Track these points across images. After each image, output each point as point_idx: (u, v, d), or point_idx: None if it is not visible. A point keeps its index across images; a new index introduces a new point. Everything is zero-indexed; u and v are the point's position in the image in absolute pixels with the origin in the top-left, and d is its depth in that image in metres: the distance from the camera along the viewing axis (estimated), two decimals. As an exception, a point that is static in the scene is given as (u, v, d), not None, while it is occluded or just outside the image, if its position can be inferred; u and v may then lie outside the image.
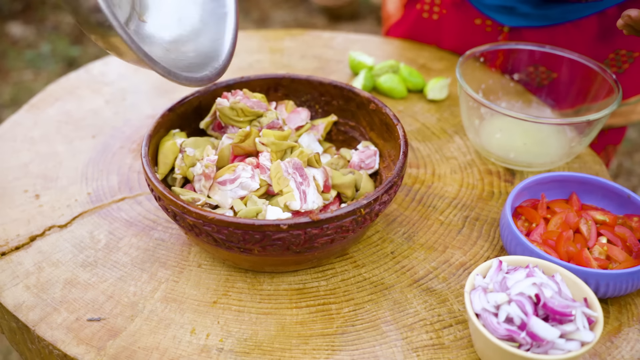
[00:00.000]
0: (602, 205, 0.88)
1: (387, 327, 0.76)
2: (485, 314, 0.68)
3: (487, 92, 1.07)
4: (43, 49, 2.74)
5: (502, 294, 0.69)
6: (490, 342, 0.67)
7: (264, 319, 0.77)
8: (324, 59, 1.25)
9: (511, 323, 0.68)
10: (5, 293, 0.80)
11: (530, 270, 0.72)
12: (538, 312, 0.68)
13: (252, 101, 0.88)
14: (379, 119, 0.89)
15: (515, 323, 0.67)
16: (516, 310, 0.68)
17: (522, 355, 0.65)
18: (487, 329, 0.68)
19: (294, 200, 0.79)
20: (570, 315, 0.67)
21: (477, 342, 0.71)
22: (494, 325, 0.67)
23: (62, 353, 0.73)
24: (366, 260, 0.84)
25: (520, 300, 0.68)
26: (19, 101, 2.47)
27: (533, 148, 0.96)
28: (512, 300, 0.68)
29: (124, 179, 0.96)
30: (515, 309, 0.68)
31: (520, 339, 0.66)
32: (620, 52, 1.11)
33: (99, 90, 1.16)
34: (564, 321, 0.67)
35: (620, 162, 2.29)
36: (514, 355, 0.66)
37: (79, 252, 0.85)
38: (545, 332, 0.66)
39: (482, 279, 0.72)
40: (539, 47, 1.04)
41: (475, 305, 0.69)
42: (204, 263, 0.83)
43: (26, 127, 1.07)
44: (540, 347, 0.66)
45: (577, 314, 0.68)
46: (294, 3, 3.12)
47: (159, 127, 0.85)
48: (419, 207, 0.92)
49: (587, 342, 0.66)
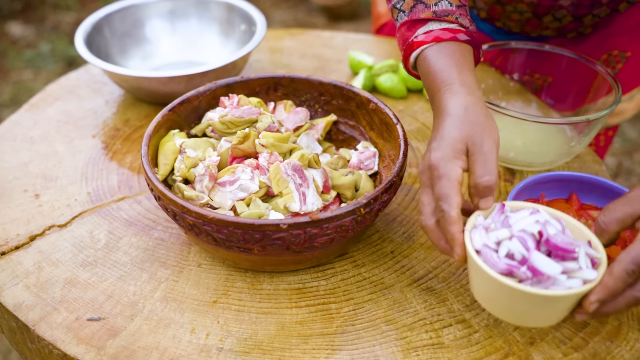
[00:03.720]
0: (602, 205, 0.88)
1: (387, 327, 0.76)
2: (486, 249, 0.65)
3: (487, 92, 1.07)
4: (43, 49, 2.74)
5: (504, 230, 0.66)
6: (489, 278, 0.63)
7: (264, 319, 0.77)
8: (323, 59, 1.25)
9: (512, 259, 0.65)
10: (5, 293, 0.80)
11: (533, 210, 0.69)
12: (540, 249, 0.66)
13: (242, 110, 0.87)
14: (379, 118, 0.89)
15: (516, 258, 0.65)
16: (517, 245, 0.65)
17: (521, 289, 0.62)
18: (486, 265, 0.64)
19: (294, 202, 0.79)
20: (573, 252, 0.64)
21: (474, 280, 0.67)
22: (493, 260, 0.64)
23: (62, 352, 0.73)
24: (366, 260, 0.84)
25: (522, 236, 0.65)
26: (18, 101, 2.47)
27: (533, 148, 0.96)
28: (513, 236, 0.66)
29: (124, 178, 0.96)
30: (516, 245, 0.65)
31: (520, 273, 0.63)
32: (613, 53, 1.11)
33: (99, 90, 1.16)
34: (566, 258, 0.64)
35: (620, 162, 2.29)
36: (513, 290, 0.62)
37: (79, 251, 0.85)
38: (547, 267, 0.63)
39: (484, 219, 0.69)
40: (539, 47, 1.04)
41: (475, 242, 0.66)
42: (203, 263, 0.83)
43: (26, 127, 1.07)
44: (540, 282, 0.63)
45: (580, 253, 0.65)
46: (294, 3, 3.12)
47: (159, 127, 0.85)
48: (418, 206, 0.92)
49: (589, 280, 0.63)
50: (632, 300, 0.64)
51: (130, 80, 1.05)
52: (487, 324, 0.76)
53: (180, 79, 1.03)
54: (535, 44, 1.05)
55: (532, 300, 0.63)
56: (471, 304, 0.78)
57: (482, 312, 0.77)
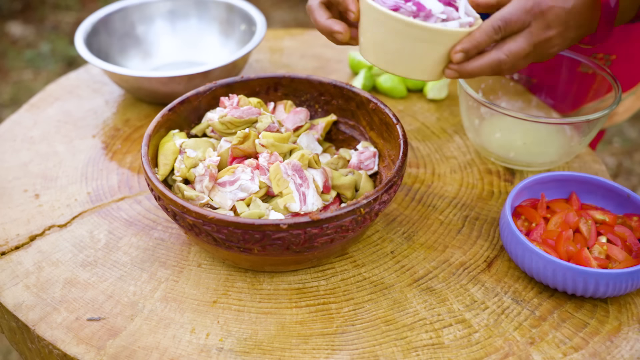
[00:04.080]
0: (601, 205, 0.88)
1: (387, 327, 0.76)
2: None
3: (487, 92, 1.07)
4: (43, 49, 2.74)
5: None
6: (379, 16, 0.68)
7: (264, 319, 0.77)
8: (323, 59, 1.25)
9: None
10: (5, 293, 0.80)
11: None
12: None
13: (242, 110, 0.87)
14: (379, 118, 0.89)
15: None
16: None
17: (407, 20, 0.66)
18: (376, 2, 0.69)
19: (294, 202, 0.79)
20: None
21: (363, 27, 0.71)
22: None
23: (62, 353, 0.73)
24: (366, 260, 0.84)
25: None
26: (18, 101, 2.47)
27: (533, 148, 0.96)
28: None
29: (124, 178, 0.96)
30: None
31: (407, 7, 0.67)
32: (598, 56, 1.11)
33: (99, 90, 1.16)
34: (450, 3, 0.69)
35: (620, 162, 2.29)
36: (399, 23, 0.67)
37: (79, 251, 0.85)
38: (431, 3, 0.67)
39: None
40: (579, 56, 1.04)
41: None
42: (203, 263, 0.83)
43: (26, 127, 1.07)
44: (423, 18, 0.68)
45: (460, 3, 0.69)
46: (294, 3, 3.12)
47: (159, 126, 0.85)
48: (418, 206, 0.92)
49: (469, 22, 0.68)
50: (495, 61, 0.67)
51: (130, 80, 1.05)
52: (487, 324, 0.76)
53: (180, 79, 1.03)
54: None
55: (415, 35, 0.67)
56: (471, 304, 0.78)
57: (482, 312, 0.78)
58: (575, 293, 0.77)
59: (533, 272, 0.79)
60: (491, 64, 0.68)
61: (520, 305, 0.79)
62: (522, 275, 0.82)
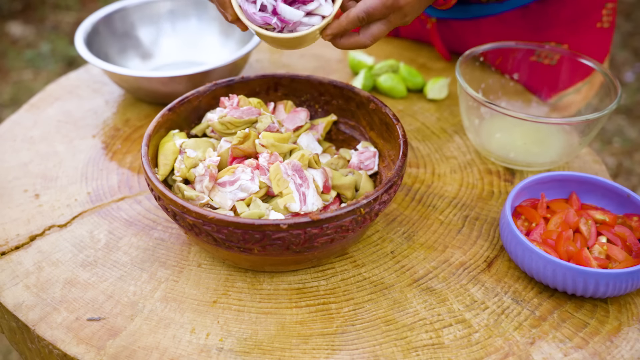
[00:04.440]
0: (601, 205, 0.88)
1: (387, 327, 0.76)
2: (245, 5, 0.79)
3: (486, 92, 1.07)
4: (43, 49, 2.74)
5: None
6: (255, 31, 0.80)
7: (264, 319, 0.77)
8: (323, 59, 1.25)
9: (265, 11, 0.79)
10: (5, 293, 0.80)
11: None
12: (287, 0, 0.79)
13: (241, 110, 0.87)
14: (379, 118, 0.89)
15: (268, 10, 0.79)
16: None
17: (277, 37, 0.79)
18: (248, 20, 0.79)
19: (294, 202, 0.79)
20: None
21: None
22: (252, 16, 0.79)
23: (62, 352, 0.73)
24: (366, 260, 0.84)
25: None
26: (18, 101, 2.47)
27: (533, 148, 0.96)
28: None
29: (124, 178, 0.96)
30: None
31: (273, 23, 0.79)
32: (550, 44, 1.12)
33: (99, 90, 1.16)
34: (307, 2, 0.78)
35: (620, 162, 2.29)
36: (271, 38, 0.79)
37: (79, 251, 0.85)
38: (292, 15, 0.78)
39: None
40: (538, 47, 1.05)
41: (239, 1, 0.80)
42: (203, 263, 0.83)
43: (26, 127, 1.07)
44: (290, 28, 0.79)
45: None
46: (294, 3, 3.12)
47: (159, 127, 0.85)
48: (418, 206, 0.92)
49: (326, 15, 0.79)
50: (360, 43, 0.81)
51: (130, 80, 1.05)
52: (487, 324, 0.76)
53: (180, 79, 1.03)
54: (535, 44, 1.05)
55: (289, 42, 0.81)
56: (471, 304, 0.78)
57: (482, 312, 0.78)
58: (575, 293, 0.77)
59: (533, 272, 0.79)
60: (357, 44, 0.82)
61: (520, 305, 0.79)
62: (522, 275, 0.82)
